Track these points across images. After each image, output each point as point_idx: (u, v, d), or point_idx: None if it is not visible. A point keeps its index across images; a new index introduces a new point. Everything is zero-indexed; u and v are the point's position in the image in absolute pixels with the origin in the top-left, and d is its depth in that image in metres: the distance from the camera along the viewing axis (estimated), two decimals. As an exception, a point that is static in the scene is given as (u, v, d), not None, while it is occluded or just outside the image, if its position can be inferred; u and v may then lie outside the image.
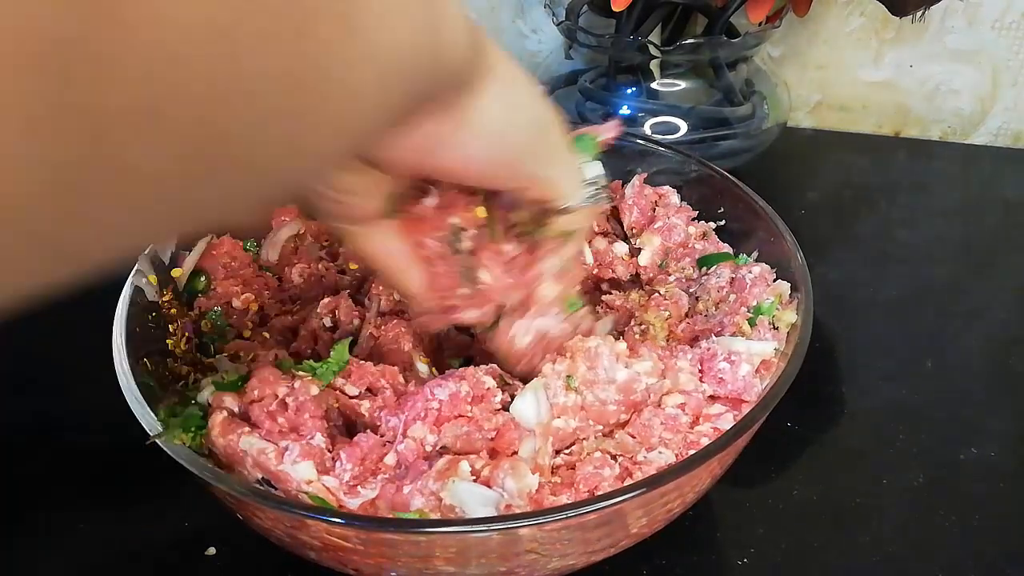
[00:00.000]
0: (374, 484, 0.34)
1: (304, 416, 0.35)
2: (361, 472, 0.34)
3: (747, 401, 0.39)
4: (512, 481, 0.33)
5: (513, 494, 0.33)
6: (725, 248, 0.49)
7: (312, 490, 0.33)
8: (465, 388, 0.37)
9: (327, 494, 0.33)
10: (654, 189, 0.51)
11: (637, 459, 0.37)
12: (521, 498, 0.33)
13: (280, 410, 0.35)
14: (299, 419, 0.35)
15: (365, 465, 0.35)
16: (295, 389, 0.35)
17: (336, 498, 0.34)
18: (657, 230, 0.50)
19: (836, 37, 0.77)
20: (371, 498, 0.34)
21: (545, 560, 0.34)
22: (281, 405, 0.35)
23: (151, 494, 0.44)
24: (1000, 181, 0.73)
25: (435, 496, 0.33)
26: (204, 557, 0.42)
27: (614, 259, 0.49)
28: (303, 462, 0.33)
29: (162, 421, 0.35)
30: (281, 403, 0.35)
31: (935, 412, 0.50)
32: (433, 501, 0.33)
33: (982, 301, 0.59)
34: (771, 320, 0.42)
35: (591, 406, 0.38)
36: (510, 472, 0.34)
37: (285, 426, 0.35)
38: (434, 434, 0.36)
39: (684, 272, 0.49)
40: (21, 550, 0.43)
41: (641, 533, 0.37)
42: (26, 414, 0.51)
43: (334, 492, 0.34)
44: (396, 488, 0.34)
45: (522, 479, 0.33)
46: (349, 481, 0.34)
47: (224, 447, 0.34)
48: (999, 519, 0.44)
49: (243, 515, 0.36)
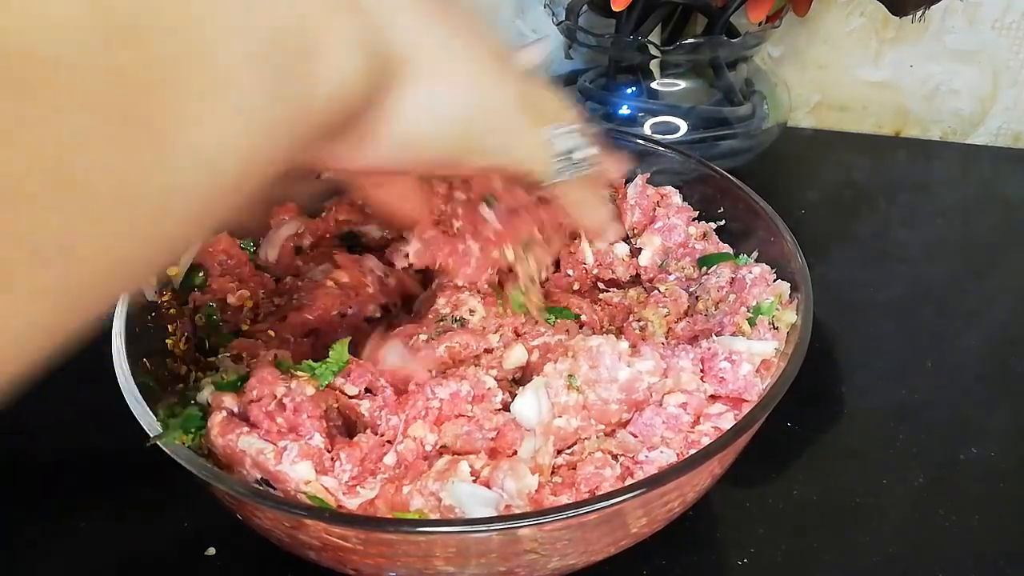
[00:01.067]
0: (373, 484, 0.34)
1: (302, 416, 0.35)
2: (360, 472, 0.34)
3: (748, 401, 0.39)
4: (512, 481, 0.33)
5: (513, 495, 0.33)
6: (725, 248, 0.49)
7: (310, 490, 0.33)
8: (466, 387, 0.37)
9: (326, 494, 0.33)
10: (656, 189, 0.51)
11: (639, 459, 0.37)
12: (521, 499, 0.33)
13: (279, 410, 0.35)
14: (297, 419, 0.35)
15: (364, 465, 0.35)
16: (292, 390, 0.35)
17: (335, 498, 0.34)
18: (657, 230, 0.50)
19: (836, 37, 0.77)
20: (370, 498, 0.34)
21: (545, 560, 0.34)
22: (279, 405, 0.35)
23: (151, 494, 0.44)
24: (1000, 181, 0.73)
25: (435, 496, 0.33)
26: (204, 557, 0.42)
27: (614, 260, 0.49)
28: (301, 462, 0.33)
29: (162, 421, 0.35)
30: (279, 403, 0.35)
31: (935, 412, 0.50)
32: (433, 501, 0.33)
33: (982, 301, 0.59)
34: (771, 320, 0.42)
35: (593, 405, 0.38)
36: (510, 473, 0.34)
37: (284, 426, 0.35)
38: (434, 433, 0.36)
39: (684, 272, 0.49)
40: (21, 550, 0.43)
41: (641, 533, 0.37)
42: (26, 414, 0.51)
43: (333, 492, 0.34)
44: (395, 488, 0.34)
45: (522, 479, 0.33)
46: (348, 481, 0.34)
47: (223, 447, 0.34)
48: (999, 519, 0.44)
49: (243, 515, 0.36)
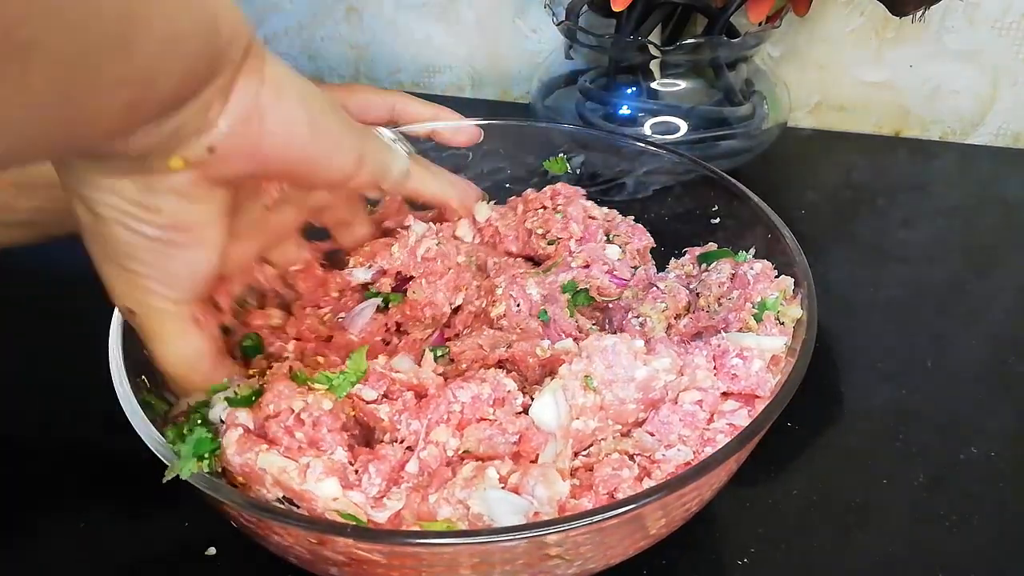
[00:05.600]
0: (399, 494, 0.33)
1: (322, 431, 0.34)
2: (386, 484, 0.34)
3: (761, 397, 0.38)
4: (543, 488, 0.33)
5: (543, 501, 0.32)
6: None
7: (340, 507, 0.32)
8: (487, 390, 0.36)
9: (356, 510, 0.32)
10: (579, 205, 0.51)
11: (655, 458, 0.36)
12: (551, 505, 0.33)
13: (297, 425, 0.34)
14: (317, 433, 0.34)
15: (389, 476, 0.34)
16: (309, 404, 0.34)
17: (364, 512, 0.33)
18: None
19: (836, 37, 0.77)
20: (397, 510, 0.33)
21: (567, 565, 0.34)
22: (298, 420, 0.34)
23: (151, 494, 0.44)
24: (1000, 181, 0.73)
25: (463, 504, 0.32)
26: (204, 557, 0.42)
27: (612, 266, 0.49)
28: (327, 479, 0.32)
29: (171, 443, 0.33)
30: (298, 418, 0.34)
31: (935, 412, 0.50)
32: (461, 510, 0.32)
33: (982, 301, 0.59)
34: (776, 315, 0.41)
35: (610, 405, 0.37)
36: (540, 479, 0.33)
37: (304, 441, 0.34)
38: (456, 438, 0.35)
39: (684, 269, 0.49)
40: (21, 550, 0.43)
41: (659, 534, 0.37)
42: (26, 414, 0.51)
43: (361, 507, 0.33)
44: (421, 497, 0.33)
45: (553, 486, 0.33)
46: (376, 495, 0.33)
47: (241, 466, 0.33)
48: (999, 519, 0.44)
49: (260, 534, 0.34)
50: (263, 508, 0.31)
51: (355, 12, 0.88)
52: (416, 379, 0.38)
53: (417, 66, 0.91)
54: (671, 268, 0.50)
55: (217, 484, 0.32)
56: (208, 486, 0.32)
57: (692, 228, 0.52)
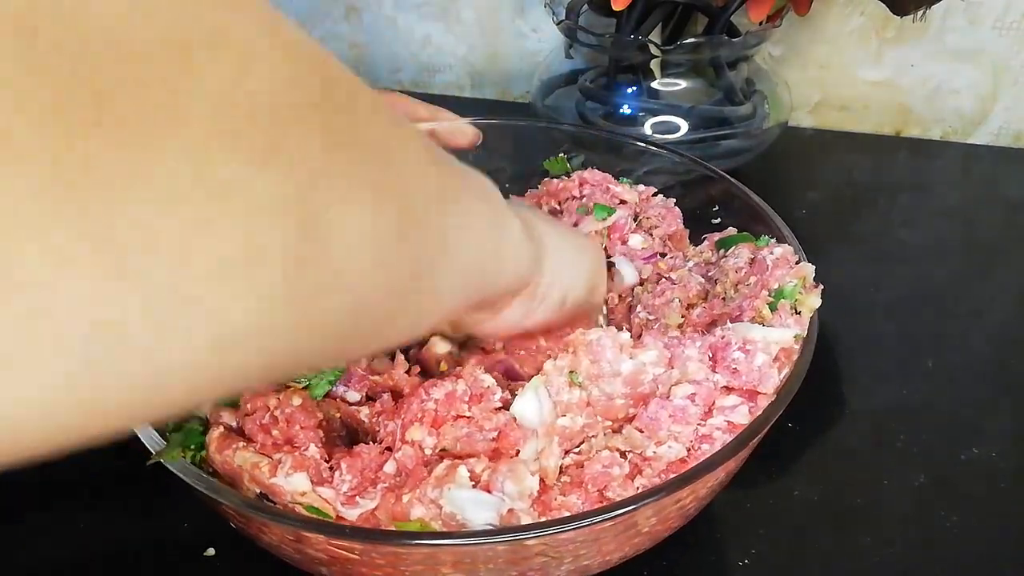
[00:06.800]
0: (373, 494, 0.33)
1: (295, 428, 0.34)
2: (360, 482, 0.34)
3: (763, 393, 0.37)
4: (512, 484, 0.33)
5: (514, 497, 0.32)
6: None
7: (306, 501, 0.32)
8: (462, 387, 0.36)
9: (324, 505, 0.33)
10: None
11: (646, 454, 0.36)
12: (522, 500, 0.33)
13: (273, 423, 0.35)
14: (291, 431, 0.34)
15: (364, 475, 0.34)
16: (281, 401, 0.35)
17: (334, 509, 0.33)
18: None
19: (837, 36, 0.77)
20: (371, 508, 0.33)
21: (557, 562, 0.34)
22: (273, 418, 0.35)
23: (151, 494, 0.44)
24: (1000, 181, 0.73)
25: (435, 504, 0.32)
26: (204, 557, 0.42)
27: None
28: (296, 474, 0.33)
29: (169, 432, 0.34)
30: (272, 416, 0.35)
31: (935, 412, 0.50)
32: (433, 509, 0.32)
33: (982, 301, 0.59)
34: (793, 304, 0.39)
35: (597, 401, 0.36)
36: (509, 475, 0.33)
37: (279, 439, 0.34)
38: (432, 436, 0.35)
39: (703, 256, 0.48)
40: (21, 550, 0.43)
41: (657, 533, 0.37)
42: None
43: (331, 503, 0.33)
44: (396, 497, 0.33)
45: (522, 481, 0.33)
46: (347, 492, 0.33)
47: (221, 464, 0.34)
48: (999, 519, 0.44)
49: (251, 533, 0.35)
50: (238, 500, 0.32)
51: (355, 11, 0.88)
52: (391, 380, 0.38)
53: (417, 65, 0.91)
54: (690, 256, 0.49)
55: (194, 471, 0.33)
56: (188, 474, 0.33)
57: (692, 228, 0.52)
